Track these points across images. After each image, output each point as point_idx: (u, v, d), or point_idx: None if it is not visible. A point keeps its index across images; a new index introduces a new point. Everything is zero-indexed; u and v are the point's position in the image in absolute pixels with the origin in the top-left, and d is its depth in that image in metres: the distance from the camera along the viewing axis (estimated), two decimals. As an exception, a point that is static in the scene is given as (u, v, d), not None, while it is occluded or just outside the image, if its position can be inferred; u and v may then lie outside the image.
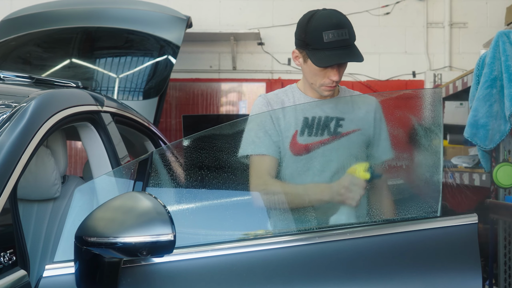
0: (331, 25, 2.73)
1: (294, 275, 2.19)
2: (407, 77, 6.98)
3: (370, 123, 2.81)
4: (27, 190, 2.83)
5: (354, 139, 2.78)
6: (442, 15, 7.00)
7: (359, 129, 2.79)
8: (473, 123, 4.02)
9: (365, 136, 2.79)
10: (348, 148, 2.77)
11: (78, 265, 2.00)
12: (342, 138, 2.77)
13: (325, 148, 2.75)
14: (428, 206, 2.47)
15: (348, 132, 2.78)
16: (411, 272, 2.24)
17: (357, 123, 2.81)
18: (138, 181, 2.48)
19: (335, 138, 2.76)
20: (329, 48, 2.72)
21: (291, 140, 2.76)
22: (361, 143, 2.78)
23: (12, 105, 2.37)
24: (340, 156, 2.76)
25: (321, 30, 2.73)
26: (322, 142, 2.75)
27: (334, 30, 2.72)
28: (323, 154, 2.75)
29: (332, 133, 2.76)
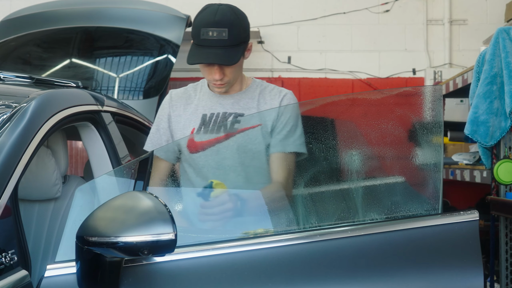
0: (211, 23, 2.66)
1: (295, 273, 2.20)
2: (407, 75, 6.98)
3: (273, 117, 2.77)
4: (28, 190, 2.83)
5: (252, 135, 2.75)
6: (442, 12, 7.00)
7: (260, 124, 2.75)
8: (473, 120, 4.02)
9: (267, 132, 2.76)
10: (244, 145, 2.74)
11: (80, 265, 2.00)
12: (238, 134, 2.74)
13: (220, 145, 2.72)
14: (429, 203, 2.47)
15: (246, 128, 2.75)
16: (412, 270, 2.24)
17: (258, 118, 2.77)
18: (139, 181, 2.48)
19: (231, 135, 2.73)
20: (204, 46, 2.67)
21: (188, 138, 2.75)
22: (261, 138, 2.75)
23: (13, 105, 2.38)
24: (235, 153, 2.73)
25: (200, 26, 2.68)
26: (217, 140, 2.72)
27: (212, 28, 2.66)
28: (218, 152, 2.72)
29: (228, 130, 2.74)
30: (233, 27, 2.68)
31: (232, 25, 2.68)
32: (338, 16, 6.89)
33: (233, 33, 2.67)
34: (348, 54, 6.99)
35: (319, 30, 6.94)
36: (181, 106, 2.87)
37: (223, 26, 2.66)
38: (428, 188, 2.54)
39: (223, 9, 2.71)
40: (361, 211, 2.75)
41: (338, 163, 2.85)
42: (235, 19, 2.70)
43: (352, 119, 2.92)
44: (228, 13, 2.70)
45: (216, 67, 2.72)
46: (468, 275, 2.24)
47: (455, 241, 2.29)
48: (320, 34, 6.96)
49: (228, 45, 2.67)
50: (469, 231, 2.28)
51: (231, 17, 2.70)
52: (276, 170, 2.75)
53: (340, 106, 3.02)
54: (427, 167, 2.60)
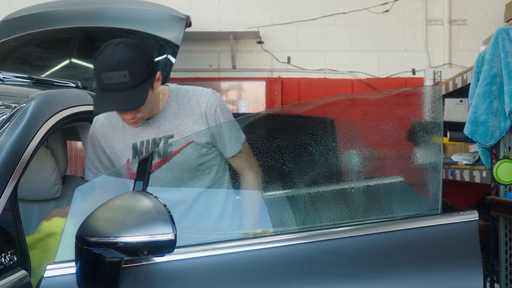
0: (110, 67, 2.54)
1: (295, 273, 2.19)
2: (406, 75, 6.97)
3: (203, 128, 2.75)
4: (27, 191, 2.83)
5: (190, 152, 2.71)
6: (442, 12, 7.00)
7: (192, 141, 2.71)
8: (473, 120, 4.02)
9: (201, 144, 2.73)
10: (183, 164, 2.72)
11: (79, 265, 2.00)
12: (175, 156, 2.70)
13: (160, 171, 2.68)
14: (429, 203, 2.47)
15: (180, 148, 2.71)
16: (412, 269, 2.25)
17: (188, 136, 2.73)
18: (139, 181, 2.48)
19: (167, 159, 2.69)
20: (107, 91, 2.55)
21: (126, 170, 2.67)
22: (199, 152, 2.73)
23: (12, 106, 2.38)
24: (177, 176, 2.71)
25: (100, 70, 2.56)
26: (155, 166, 2.66)
27: (111, 72, 2.53)
28: (158, 178, 2.68)
29: (162, 155, 2.68)
30: (133, 67, 2.54)
31: (132, 65, 2.54)
32: (337, 16, 6.88)
33: (134, 73, 2.54)
34: (348, 54, 6.99)
35: (318, 30, 6.93)
36: (109, 136, 2.81)
37: (122, 69, 2.53)
38: (427, 188, 2.54)
39: (119, 49, 2.57)
40: (360, 211, 2.76)
41: (338, 163, 2.85)
42: (134, 58, 2.56)
43: (351, 119, 2.92)
44: (127, 52, 2.57)
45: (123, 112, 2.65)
46: (468, 275, 2.24)
47: (454, 241, 2.30)
48: (320, 34, 6.96)
49: (131, 87, 2.54)
50: (468, 231, 2.29)
51: (129, 56, 2.56)
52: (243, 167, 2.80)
53: (339, 106, 3.02)
54: (427, 167, 2.60)
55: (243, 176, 2.81)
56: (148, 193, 2.03)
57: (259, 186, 2.75)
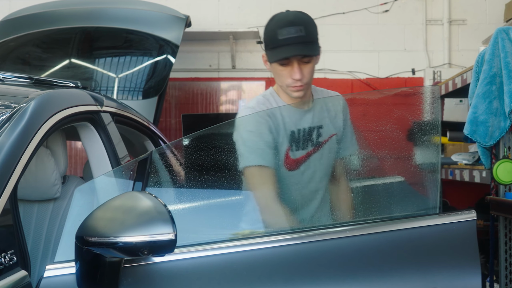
0: (286, 23, 2.72)
1: (294, 273, 2.20)
2: (406, 75, 6.98)
3: (340, 124, 2.86)
4: (27, 191, 2.83)
5: (332, 144, 2.82)
6: (441, 12, 7.00)
7: (335, 134, 2.84)
8: (472, 120, 4.02)
9: (339, 138, 2.85)
10: (328, 155, 2.81)
11: (79, 265, 2.00)
12: (323, 146, 2.80)
13: (310, 160, 2.77)
14: (428, 203, 2.47)
15: (327, 139, 2.81)
16: (411, 269, 2.25)
17: (332, 128, 2.84)
18: (138, 181, 2.49)
19: (318, 148, 2.79)
20: (284, 45, 2.71)
21: (285, 156, 2.76)
22: (337, 145, 2.84)
23: (12, 106, 2.38)
24: (321, 165, 2.80)
25: (276, 28, 2.73)
26: (308, 155, 2.77)
27: (288, 27, 2.71)
28: (309, 166, 2.77)
29: (315, 144, 2.78)
30: (308, 24, 2.76)
31: (307, 22, 2.76)
32: (337, 16, 6.89)
33: (309, 29, 2.75)
34: (347, 54, 6.99)
35: (318, 30, 6.93)
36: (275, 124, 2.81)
37: (299, 24, 2.73)
38: (427, 188, 2.55)
39: (293, 12, 2.81)
40: (360, 211, 2.76)
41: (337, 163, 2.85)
42: (308, 18, 2.79)
43: (351, 119, 2.93)
44: (300, 14, 2.80)
45: (296, 66, 2.73)
46: (466, 274, 2.24)
47: (453, 240, 2.30)
48: (319, 34, 6.95)
49: (306, 41, 2.73)
50: (467, 230, 2.29)
51: (304, 16, 2.79)
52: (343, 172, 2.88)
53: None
54: (426, 167, 2.61)
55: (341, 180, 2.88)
56: (148, 193, 2.03)
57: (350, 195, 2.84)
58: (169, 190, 2.75)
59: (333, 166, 2.87)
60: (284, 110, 2.83)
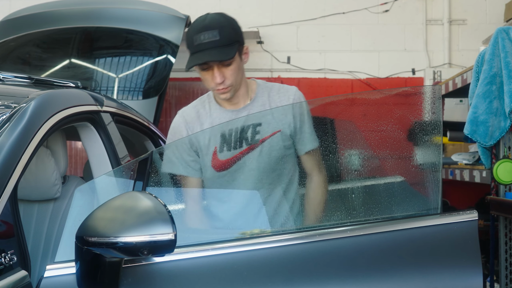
0: (201, 28, 2.73)
1: (294, 273, 2.20)
2: (406, 75, 6.98)
3: (290, 120, 2.81)
4: (27, 191, 2.83)
5: (274, 141, 2.78)
6: (441, 12, 7.00)
7: (279, 130, 2.79)
8: (473, 120, 4.02)
9: (286, 135, 2.79)
10: (269, 152, 2.78)
11: (79, 265, 2.00)
12: (262, 144, 2.77)
13: (245, 158, 2.76)
14: (429, 203, 2.47)
15: (267, 137, 2.77)
16: (412, 269, 2.25)
17: (275, 125, 2.80)
18: (138, 181, 2.48)
19: (255, 146, 2.76)
20: (199, 51, 2.72)
21: (212, 158, 2.77)
22: (283, 143, 2.79)
23: (12, 106, 2.37)
24: (261, 163, 2.77)
25: (192, 34, 2.74)
26: (242, 153, 2.76)
27: (203, 32, 2.71)
28: (245, 165, 2.76)
29: (250, 142, 2.76)
30: (223, 27, 2.73)
31: (222, 26, 2.73)
32: (337, 16, 6.89)
33: (223, 33, 2.71)
34: (348, 54, 6.99)
35: (318, 30, 6.94)
36: (197, 127, 2.88)
37: (213, 28, 2.71)
38: (427, 188, 2.54)
39: (211, 15, 2.79)
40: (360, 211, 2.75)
41: (338, 162, 2.85)
42: (224, 21, 2.76)
43: (351, 119, 2.92)
44: (217, 16, 2.78)
45: (216, 70, 2.73)
46: (468, 275, 2.24)
47: (454, 241, 2.30)
48: (320, 34, 6.96)
49: (220, 45, 2.71)
50: (468, 231, 2.29)
51: (220, 19, 2.76)
52: (313, 167, 2.84)
53: (339, 106, 3.02)
54: (427, 167, 2.60)
55: (312, 176, 2.85)
56: (148, 193, 2.03)
57: (326, 190, 2.82)
58: (169, 190, 2.75)
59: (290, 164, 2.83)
60: (214, 111, 2.87)
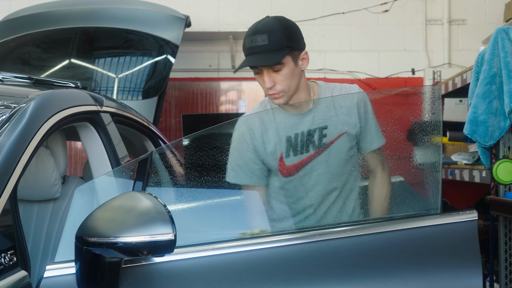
0: (252, 31, 2.73)
1: (294, 273, 2.20)
2: (406, 75, 6.98)
3: (355, 120, 2.79)
4: (27, 191, 2.83)
5: (341, 143, 2.76)
6: (441, 12, 7.00)
7: (345, 132, 2.77)
8: (472, 119, 4.02)
9: (352, 136, 2.78)
10: (337, 155, 2.76)
11: (79, 265, 2.00)
12: (329, 147, 2.75)
13: (313, 162, 2.75)
14: (428, 203, 2.47)
15: (334, 139, 2.76)
16: (412, 269, 2.25)
17: (341, 126, 2.78)
18: (138, 181, 2.48)
19: (322, 150, 2.75)
20: (248, 54, 2.74)
21: (278, 163, 2.76)
22: (350, 143, 2.78)
23: (12, 106, 2.37)
24: (330, 166, 2.76)
25: (246, 37, 2.75)
26: (310, 158, 2.74)
27: (253, 36, 2.71)
28: (313, 169, 2.75)
29: (317, 146, 2.75)
30: (273, 32, 2.69)
31: (272, 30, 2.70)
32: (337, 16, 6.89)
33: (273, 38, 2.69)
34: (347, 54, 6.99)
35: (318, 30, 6.94)
36: (261, 133, 2.81)
37: (263, 32, 2.69)
38: (427, 188, 2.54)
39: (267, 19, 2.76)
40: (360, 211, 2.76)
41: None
42: (276, 25, 2.71)
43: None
44: (272, 20, 2.74)
45: (265, 74, 2.73)
46: (467, 275, 2.24)
47: (454, 240, 2.30)
48: (319, 34, 6.96)
49: (268, 50, 2.69)
50: (468, 230, 2.29)
51: (273, 23, 2.72)
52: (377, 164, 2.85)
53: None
54: (426, 167, 2.60)
55: (376, 173, 2.85)
56: (147, 193, 2.03)
57: (390, 186, 2.81)
58: (169, 190, 2.75)
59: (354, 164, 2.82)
60: (278, 116, 2.82)
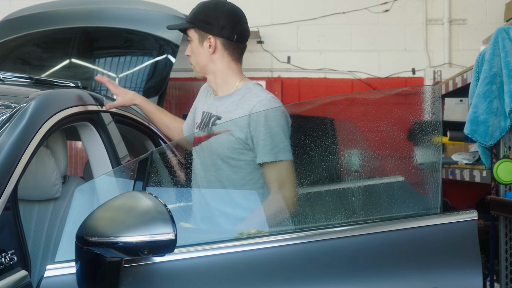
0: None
1: (294, 273, 2.20)
2: (406, 74, 6.98)
3: (245, 125, 2.77)
4: (27, 191, 2.83)
5: (222, 139, 2.80)
6: (441, 12, 7.00)
7: (229, 130, 2.79)
8: (473, 119, 4.02)
9: (234, 138, 2.77)
10: (214, 148, 2.81)
11: (79, 265, 2.00)
12: (212, 137, 2.84)
13: (202, 144, 2.85)
14: (429, 202, 2.47)
15: (218, 132, 2.83)
16: (412, 269, 2.25)
17: (229, 124, 2.83)
18: (138, 181, 2.48)
19: (208, 136, 2.85)
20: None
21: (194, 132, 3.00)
22: (230, 143, 2.77)
23: (12, 106, 2.38)
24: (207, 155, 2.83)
25: None
26: (200, 139, 2.87)
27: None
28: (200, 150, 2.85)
29: (206, 132, 2.87)
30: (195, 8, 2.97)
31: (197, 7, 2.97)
32: (337, 16, 6.89)
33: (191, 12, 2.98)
34: (348, 54, 6.99)
35: (318, 30, 6.94)
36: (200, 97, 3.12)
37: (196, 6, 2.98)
38: (427, 188, 2.54)
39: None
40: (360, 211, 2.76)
41: (338, 162, 2.85)
42: (204, 3, 2.96)
43: (351, 119, 2.92)
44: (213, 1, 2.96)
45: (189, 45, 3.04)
46: (467, 274, 2.24)
47: (454, 240, 2.30)
48: (320, 34, 6.96)
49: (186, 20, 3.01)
50: (468, 230, 2.29)
51: (208, 1, 2.96)
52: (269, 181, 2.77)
53: (339, 106, 3.02)
54: (427, 167, 2.60)
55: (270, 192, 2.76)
56: (148, 193, 2.03)
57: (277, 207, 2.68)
58: (169, 190, 2.75)
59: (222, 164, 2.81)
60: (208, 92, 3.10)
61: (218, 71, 2.97)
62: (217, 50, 2.95)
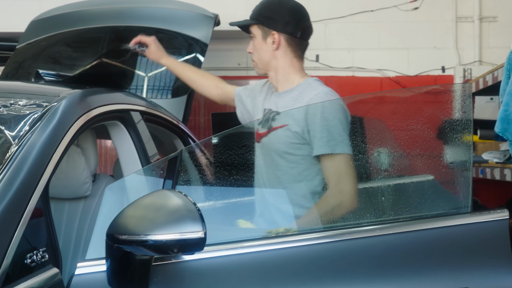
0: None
1: (324, 272, 2.19)
2: (436, 72, 6.92)
3: (301, 118, 2.74)
4: (58, 189, 2.85)
5: (280, 134, 2.79)
6: (472, 9, 6.93)
7: (286, 125, 2.78)
8: (504, 117, 3.98)
9: (291, 132, 2.75)
10: (272, 143, 2.80)
11: (110, 262, 2.01)
12: (271, 132, 2.82)
13: (263, 140, 2.84)
14: (459, 201, 2.45)
15: (276, 127, 2.82)
16: (442, 269, 2.23)
17: (286, 118, 2.80)
18: (168, 179, 2.50)
19: (268, 132, 2.83)
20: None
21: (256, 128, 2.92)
22: (286, 138, 2.76)
23: (43, 105, 2.40)
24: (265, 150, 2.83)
25: None
26: (260, 136, 2.85)
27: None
28: (261, 147, 2.84)
29: (267, 127, 2.85)
30: (259, 5, 3.01)
31: (261, 3, 3.01)
32: (366, 14, 6.85)
33: (255, 9, 3.02)
34: (376, 52, 6.95)
35: (346, 28, 6.91)
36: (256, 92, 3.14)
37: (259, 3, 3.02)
38: (457, 187, 2.52)
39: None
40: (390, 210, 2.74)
41: (367, 161, 2.84)
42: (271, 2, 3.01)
43: (381, 117, 2.91)
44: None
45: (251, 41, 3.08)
46: (499, 274, 2.22)
47: (485, 240, 2.28)
48: (348, 32, 6.93)
49: (250, 18, 3.05)
50: (499, 230, 2.27)
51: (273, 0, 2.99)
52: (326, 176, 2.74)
53: (369, 104, 3.01)
54: (457, 166, 2.59)
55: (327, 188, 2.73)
56: (177, 191, 2.04)
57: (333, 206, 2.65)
58: (198, 189, 2.76)
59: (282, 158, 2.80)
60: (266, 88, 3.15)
61: (280, 68, 2.99)
62: (281, 47, 2.98)
